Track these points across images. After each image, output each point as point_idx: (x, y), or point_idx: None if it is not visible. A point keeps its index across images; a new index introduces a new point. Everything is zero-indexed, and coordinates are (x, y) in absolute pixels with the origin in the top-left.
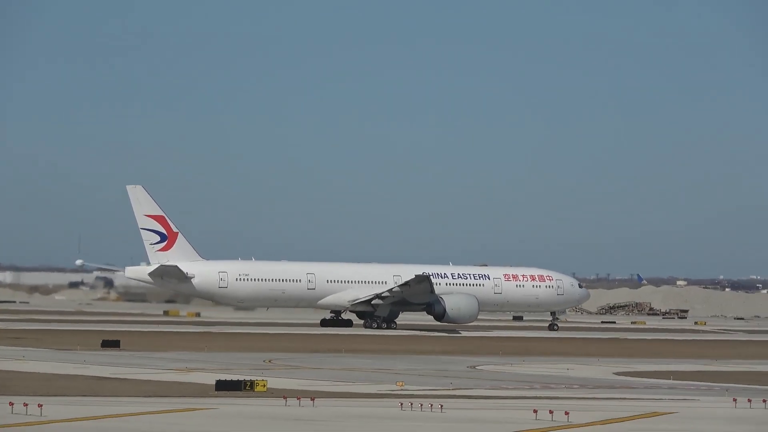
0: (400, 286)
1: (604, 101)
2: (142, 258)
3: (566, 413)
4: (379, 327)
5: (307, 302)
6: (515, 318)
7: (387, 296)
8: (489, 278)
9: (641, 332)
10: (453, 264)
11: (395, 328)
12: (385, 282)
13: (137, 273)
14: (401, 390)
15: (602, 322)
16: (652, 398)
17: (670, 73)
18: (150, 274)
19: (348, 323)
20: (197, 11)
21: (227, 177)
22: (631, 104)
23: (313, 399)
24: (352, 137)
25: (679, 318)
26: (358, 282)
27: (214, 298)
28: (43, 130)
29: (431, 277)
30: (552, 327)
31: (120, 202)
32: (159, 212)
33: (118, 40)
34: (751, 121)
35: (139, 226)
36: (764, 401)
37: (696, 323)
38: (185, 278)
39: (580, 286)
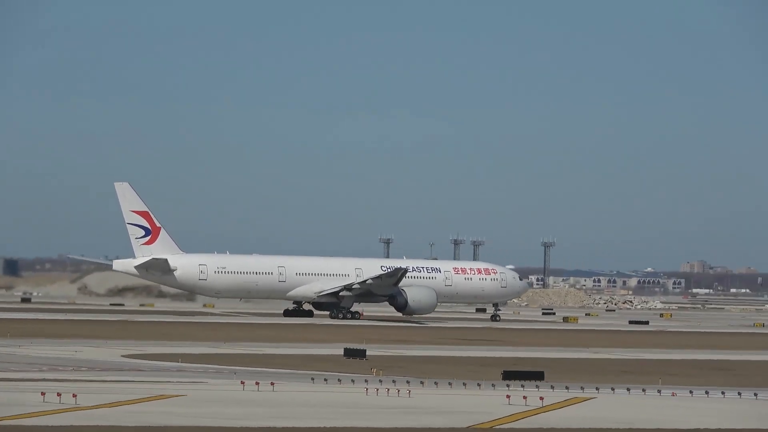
0: (374, 278)
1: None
2: (129, 252)
3: (74, 396)
4: (344, 317)
5: (278, 294)
6: None
7: (356, 288)
8: (440, 271)
9: (150, 314)
10: (407, 258)
11: (359, 318)
12: (348, 275)
13: (124, 266)
14: None
15: (111, 305)
16: (160, 381)
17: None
18: (136, 267)
19: (309, 314)
20: (186, 12)
21: (203, 175)
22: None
23: None
24: (317, 143)
25: (188, 300)
26: (324, 275)
27: (194, 290)
28: (36, 129)
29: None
30: (494, 318)
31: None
32: (144, 208)
33: (108, 41)
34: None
35: (126, 221)
36: (272, 384)
37: (204, 306)
38: (169, 271)
39: (521, 279)
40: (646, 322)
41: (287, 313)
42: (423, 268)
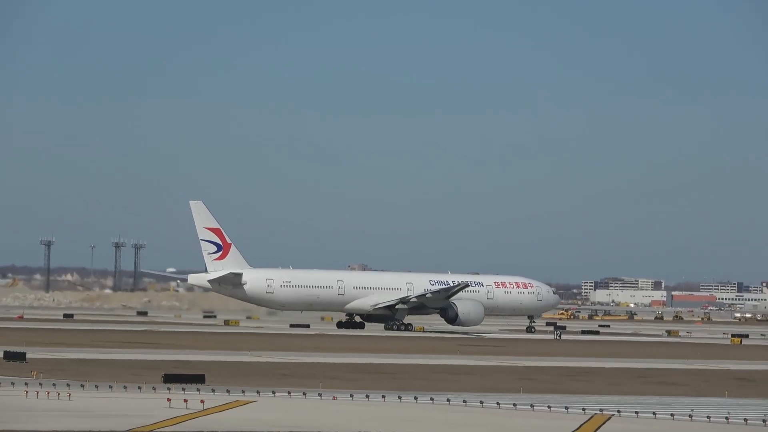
0: (432, 292)
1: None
2: (202, 266)
3: None
4: (398, 329)
5: (337, 306)
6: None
7: (413, 301)
8: (483, 285)
9: None
10: (451, 272)
11: (412, 330)
12: (400, 288)
13: (198, 279)
14: None
15: None
16: None
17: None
18: (210, 281)
19: (361, 326)
20: (253, 34)
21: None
22: None
23: None
24: (364, 164)
25: None
26: (379, 288)
27: (261, 303)
28: (119, 154)
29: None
30: (530, 329)
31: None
32: (216, 225)
33: (186, 67)
34: None
35: (199, 238)
36: None
37: None
38: (240, 285)
39: (554, 293)
40: (307, 326)
41: (340, 325)
42: (468, 282)
